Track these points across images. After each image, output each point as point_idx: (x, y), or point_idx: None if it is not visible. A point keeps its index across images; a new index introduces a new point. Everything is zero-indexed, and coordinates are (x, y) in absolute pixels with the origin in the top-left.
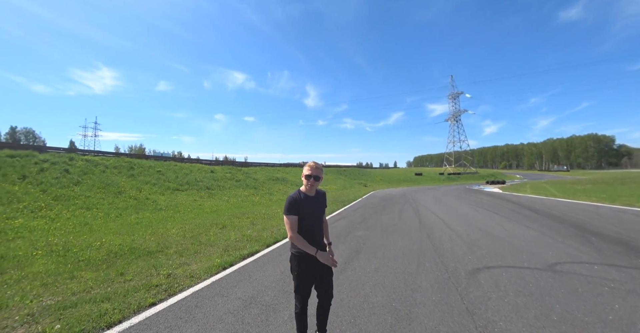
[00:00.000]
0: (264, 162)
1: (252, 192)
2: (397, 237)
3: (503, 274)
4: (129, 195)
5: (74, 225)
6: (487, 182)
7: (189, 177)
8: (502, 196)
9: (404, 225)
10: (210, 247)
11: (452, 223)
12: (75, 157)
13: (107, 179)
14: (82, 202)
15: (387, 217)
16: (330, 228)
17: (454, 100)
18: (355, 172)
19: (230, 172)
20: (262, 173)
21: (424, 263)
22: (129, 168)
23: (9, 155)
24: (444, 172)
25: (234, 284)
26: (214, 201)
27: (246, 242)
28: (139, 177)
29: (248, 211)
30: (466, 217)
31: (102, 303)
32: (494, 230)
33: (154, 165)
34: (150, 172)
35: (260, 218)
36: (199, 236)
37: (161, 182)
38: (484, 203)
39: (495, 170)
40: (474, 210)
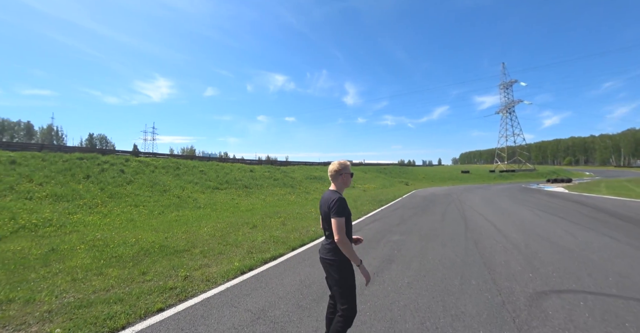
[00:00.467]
0: (303, 161)
1: (289, 191)
2: (438, 244)
3: (581, 303)
4: (172, 193)
5: (121, 221)
6: (549, 181)
7: (228, 176)
8: (569, 197)
9: (447, 230)
10: (235, 248)
11: (505, 229)
12: (130, 159)
13: (155, 178)
14: (132, 199)
15: (427, 220)
16: (363, 232)
17: (506, 90)
18: (396, 170)
19: (268, 171)
20: (300, 172)
21: (469, 279)
22: (175, 168)
23: (79, 158)
24: (495, 169)
25: (248, 292)
26: (251, 200)
27: (272, 244)
28: (184, 176)
29: (282, 210)
30: (523, 222)
31: (114, 305)
32: (562, 239)
33: (197, 165)
34: (193, 171)
35: (292, 219)
36: (228, 236)
37: (203, 181)
38: (545, 205)
39: (557, 167)
40: (532, 214)
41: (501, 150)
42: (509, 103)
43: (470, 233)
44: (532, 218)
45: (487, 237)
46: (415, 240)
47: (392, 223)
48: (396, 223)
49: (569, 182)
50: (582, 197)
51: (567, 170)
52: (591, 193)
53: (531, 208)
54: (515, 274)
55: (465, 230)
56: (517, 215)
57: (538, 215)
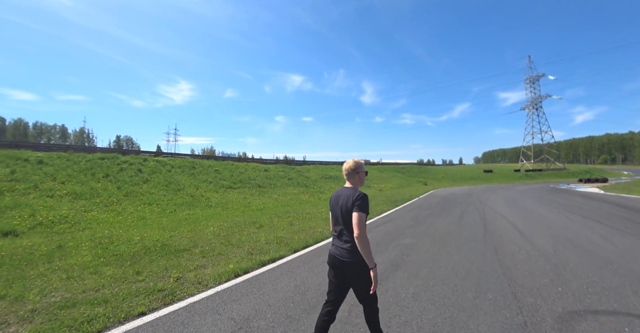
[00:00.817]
0: (318, 161)
1: (303, 191)
2: (452, 249)
3: (625, 329)
4: (186, 192)
5: (133, 219)
6: (581, 180)
7: (243, 175)
8: (605, 198)
9: (464, 233)
10: (236, 249)
11: (529, 233)
12: (148, 159)
13: (171, 178)
14: (147, 198)
15: (443, 221)
16: (373, 234)
17: (532, 84)
18: (414, 169)
19: (283, 170)
20: (315, 172)
21: (485, 292)
22: (191, 167)
23: (100, 158)
24: (521, 168)
25: (237, 298)
26: (263, 199)
27: (275, 245)
28: (198, 175)
29: (292, 210)
30: (551, 225)
31: (98, 307)
32: (598, 247)
33: (212, 164)
34: (208, 171)
35: (301, 219)
36: (232, 236)
37: (217, 180)
38: (577, 206)
39: (590, 166)
40: (562, 216)
41: (527, 149)
42: (535, 98)
43: (490, 237)
44: (561, 222)
45: (509, 242)
46: (427, 243)
47: (405, 225)
48: (410, 225)
49: (604, 181)
50: (621, 198)
51: (602, 169)
52: (632, 194)
53: (560, 210)
54: (541, 288)
55: (484, 234)
56: (544, 218)
57: (569, 218)
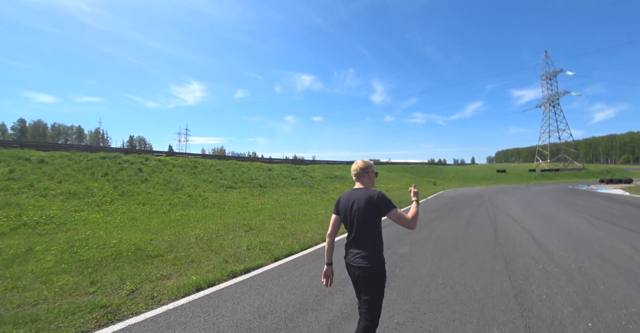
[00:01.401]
0: (326, 160)
1: (305, 191)
2: (455, 262)
3: None
4: (184, 192)
5: (122, 220)
6: (602, 181)
7: (245, 175)
8: (634, 201)
9: (471, 241)
10: (212, 256)
11: (548, 243)
12: (150, 158)
13: (171, 177)
14: (142, 197)
15: (449, 226)
16: None
17: (549, 81)
18: (424, 169)
19: (287, 170)
20: (320, 171)
21: (490, 325)
22: (193, 166)
23: (102, 157)
24: (536, 168)
25: (185, 320)
26: (263, 199)
27: (256, 252)
28: (199, 175)
29: (290, 211)
30: (572, 233)
31: (22, 327)
32: (634, 263)
33: (215, 163)
34: (210, 170)
35: (296, 221)
36: (215, 240)
37: (217, 180)
38: (601, 210)
39: (611, 166)
40: (585, 222)
41: (543, 148)
42: (552, 95)
43: (501, 246)
44: (584, 229)
45: (523, 254)
46: (427, 253)
47: (405, 230)
48: (410, 231)
49: (628, 182)
50: None
51: (625, 169)
52: None
53: (582, 214)
54: (564, 321)
55: (494, 243)
56: (564, 223)
57: (593, 225)
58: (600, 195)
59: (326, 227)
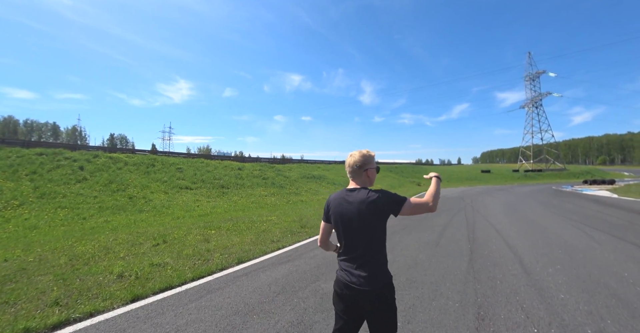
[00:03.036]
0: (313, 160)
1: (274, 192)
2: (401, 311)
3: None
4: (127, 193)
5: (18, 229)
6: (586, 182)
7: (208, 174)
8: (627, 205)
9: (435, 270)
10: (46, 293)
11: (542, 276)
12: (100, 155)
13: (118, 176)
14: (68, 200)
15: (414, 242)
16: (302, 260)
17: (532, 82)
18: (409, 169)
19: (260, 169)
20: (297, 171)
21: None
22: (150, 165)
23: (38, 153)
24: (519, 168)
25: None
26: (219, 202)
27: (124, 284)
28: (154, 174)
29: (240, 216)
30: (574, 257)
31: None
32: None
33: (176, 162)
34: (169, 169)
35: (231, 230)
36: (94, 261)
37: (173, 180)
38: (596, 217)
39: (590, 167)
40: (582, 234)
41: (526, 149)
42: (535, 96)
43: (475, 281)
44: (585, 246)
45: (507, 298)
46: None
47: None
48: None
49: (611, 183)
50: None
51: (602, 170)
52: None
53: (577, 224)
54: None
55: (467, 269)
56: (559, 238)
57: (595, 240)
58: (587, 197)
59: (264, 239)
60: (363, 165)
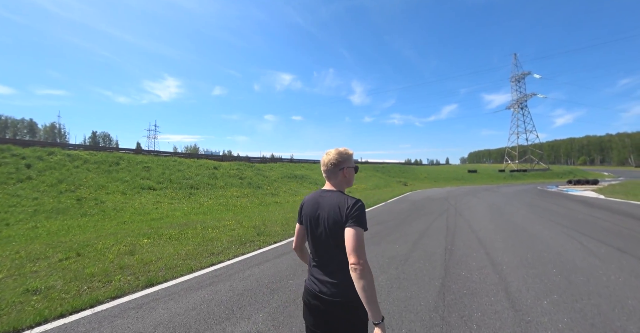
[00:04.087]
0: (300, 159)
1: (248, 192)
2: None
3: None
4: (76, 194)
5: None
6: (570, 182)
7: (178, 174)
8: (615, 207)
9: (395, 297)
10: None
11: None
12: (56, 152)
13: (72, 175)
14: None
15: (381, 255)
16: (231, 282)
17: (518, 83)
18: (396, 169)
19: (238, 168)
20: (279, 170)
21: None
22: (114, 163)
23: None
24: (505, 168)
25: None
26: (184, 204)
27: None
28: (116, 173)
29: (194, 221)
30: (574, 281)
31: None
32: None
33: (144, 160)
34: (135, 168)
35: (171, 239)
36: None
37: (137, 180)
38: (588, 222)
39: (572, 167)
40: (577, 244)
41: (512, 149)
42: (521, 97)
43: (446, 316)
44: (583, 261)
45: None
46: None
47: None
48: None
49: (595, 183)
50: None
51: (584, 170)
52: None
53: (570, 231)
54: None
55: (435, 303)
56: (551, 251)
57: (594, 254)
58: (574, 198)
59: (203, 251)
60: (339, 163)
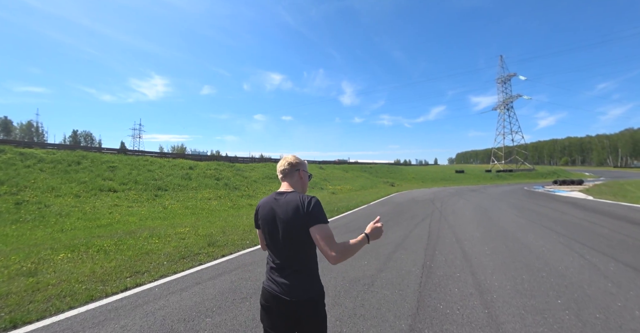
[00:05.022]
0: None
1: (222, 194)
2: None
3: None
4: (17, 197)
5: None
6: (556, 182)
7: (147, 174)
8: (610, 210)
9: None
10: None
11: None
12: (6, 150)
13: (17, 176)
14: None
15: (341, 275)
16: (140, 315)
17: (504, 84)
18: (384, 169)
19: (216, 168)
20: (261, 171)
21: None
22: (74, 163)
23: None
24: (492, 169)
25: None
26: (143, 207)
27: None
28: (75, 173)
29: (144, 228)
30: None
31: None
32: None
33: (112, 159)
34: (98, 168)
35: (98, 252)
36: None
37: (97, 181)
38: (588, 230)
39: (555, 167)
40: (577, 257)
41: (498, 150)
42: (506, 98)
43: None
44: (591, 283)
45: None
46: None
47: (252, 288)
48: (253, 292)
49: (580, 184)
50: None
51: (566, 170)
52: (634, 203)
53: (566, 239)
54: None
55: None
56: (549, 266)
57: (595, 267)
58: (563, 199)
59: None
60: (296, 164)
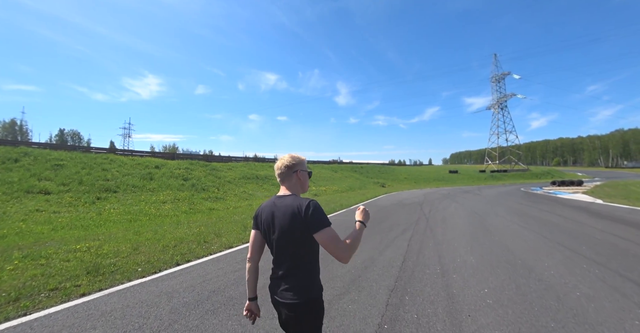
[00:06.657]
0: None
1: (184, 196)
2: None
3: None
4: None
5: None
6: (554, 183)
7: (98, 174)
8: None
9: None
10: None
11: None
12: None
13: None
14: None
15: None
16: None
17: (498, 83)
18: (375, 169)
19: (187, 168)
20: (240, 170)
21: None
22: (12, 160)
23: None
24: (486, 169)
25: None
26: (75, 213)
27: None
28: (5, 172)
29: (44, 242)
30: None
31: None
32: None
33: (62, 157)
34: (39, 167)
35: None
36: None
37: (30, 181)
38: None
39: (549, 168)
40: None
41: (492, 150)
42: (500, 97)
43: None
44: None
45: None
46: None
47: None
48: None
49: (580, 185)
50: None
51: (559, 170)
52: None
53: (600, 268)
54: None
55: None
56: (583, 318)
57: None
58: (569, 203)
59: None
60: (293, 166)
